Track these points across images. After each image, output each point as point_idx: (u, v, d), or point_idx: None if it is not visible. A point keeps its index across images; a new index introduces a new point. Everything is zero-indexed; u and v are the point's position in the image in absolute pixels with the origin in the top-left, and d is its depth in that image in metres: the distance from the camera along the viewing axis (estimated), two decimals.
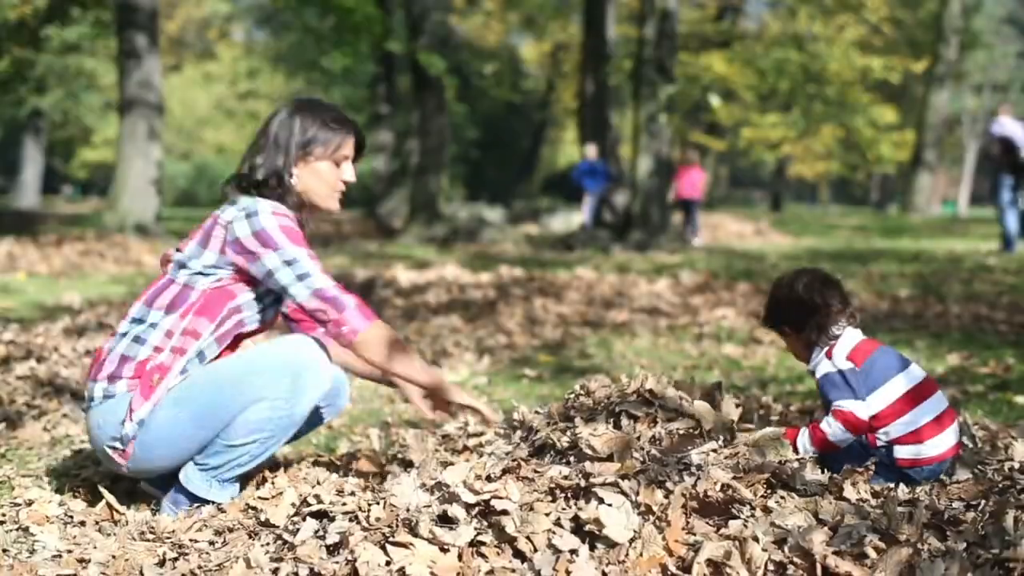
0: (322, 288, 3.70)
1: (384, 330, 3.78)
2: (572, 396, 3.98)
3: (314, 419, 4.17)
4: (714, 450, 3.58)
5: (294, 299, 3.73)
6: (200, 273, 3.79)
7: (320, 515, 3.37)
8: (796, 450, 3.81)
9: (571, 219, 27.77)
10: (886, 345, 3.97)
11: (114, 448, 3.75)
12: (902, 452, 3.74)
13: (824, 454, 3.83)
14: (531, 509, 3.09)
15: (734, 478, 3.24)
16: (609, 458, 3.50)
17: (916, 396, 3.78)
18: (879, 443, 3.79)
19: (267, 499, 3.70)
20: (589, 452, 3.51)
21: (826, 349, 3.92)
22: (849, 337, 3.92)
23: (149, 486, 4.05)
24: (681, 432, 3.67)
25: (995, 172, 16.57)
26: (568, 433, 3.67)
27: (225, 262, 3.78)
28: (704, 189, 24.32)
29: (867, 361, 3.83)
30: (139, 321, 3.81)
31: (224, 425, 3.75)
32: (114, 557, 3.28)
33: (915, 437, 3.73)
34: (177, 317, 3.77)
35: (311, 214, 4.09)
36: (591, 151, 23.72)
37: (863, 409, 3.76)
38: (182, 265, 3.83)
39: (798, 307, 4.00)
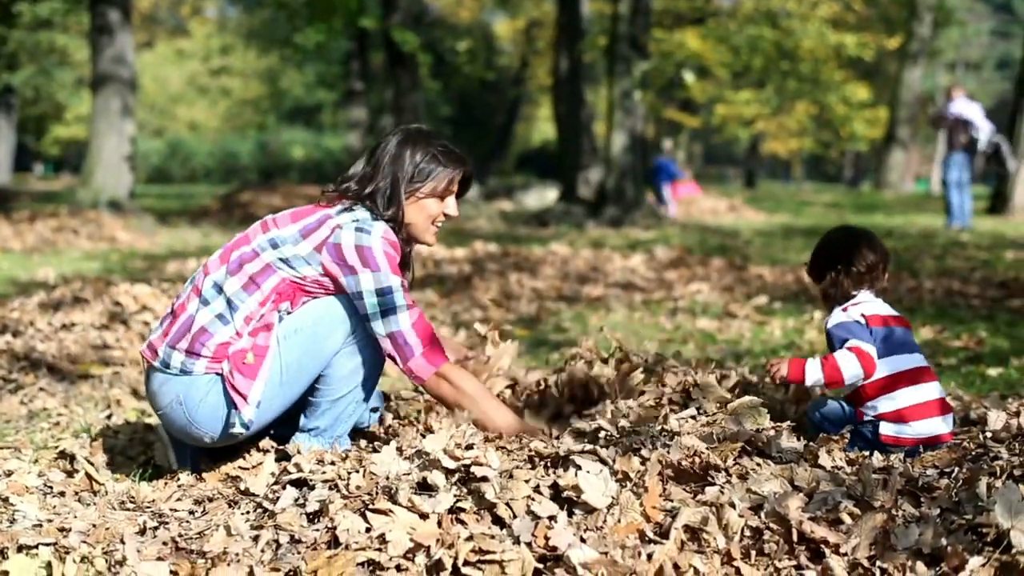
0: (398, 331, 3.74)
1: (445, 385, 3.81)
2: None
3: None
4: (693, 417, 3.63)
5: (371, 329, 3.79)
6: (286, 261, 3.81)
7: (300, 483, 3.39)
8: (803, 379, 3.87)
9: (545, 195, 27.76)
10: (903, 325, 4.01)
11: (232, 435, 3.81)
12: (887, 429, 3.81)
13: (829, 387, 3.90)
14: (510, 476, 3.12)
15: (709, 447, 3.28)
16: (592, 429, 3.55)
17: (912, 378, 3.83)
18: (866, 417, 3.84)
19: (247, 468, 3.72)
20: None
21: (843, 306, 4.00)
22: (870, 303, 3.98)
23: (170, 448, 4.09)
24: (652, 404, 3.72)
25: (947, 150, 16.98)
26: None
27: (317, 260, 3.79)
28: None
29: (877, 329, 3.88)
30: (218, 289, 3.83)
31: (306, 383, 3.83)
32: (94, 526, 3.28)
33: (899, 416, 3.78)
34: (256, 304, 3.80)
35: (409, 246, 4.09)
36: (669, 145, 24.80)
37: (872, 350, 3.81)
38: (274, 244, 3.83)
39: (824, 255, 4.10)
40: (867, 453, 3.50)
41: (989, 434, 3.73)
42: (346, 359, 3.82)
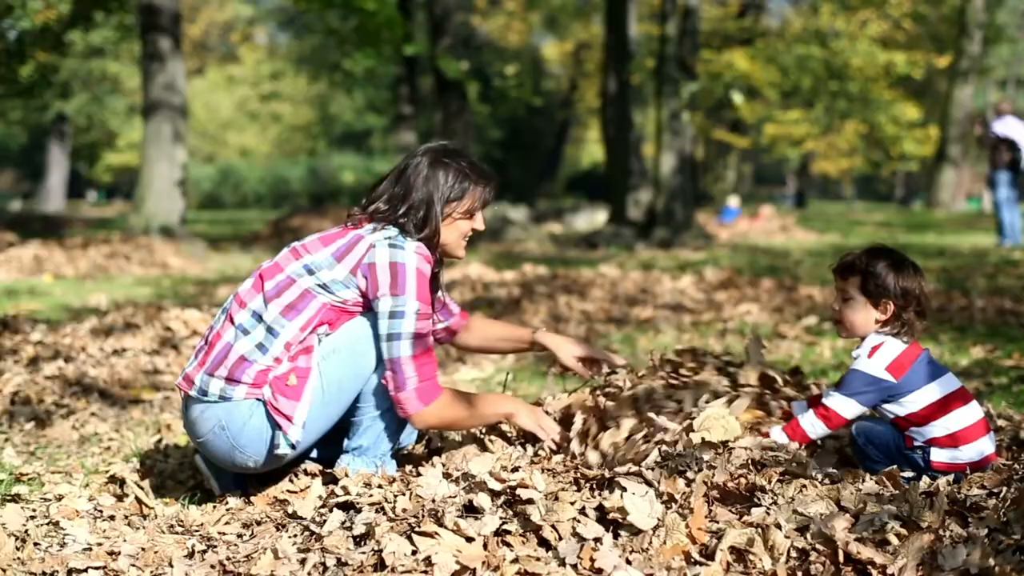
0: (397, 358, 3.70)
1: (434, 417, 3.77)
2: None
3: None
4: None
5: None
6: (325, 287, 3.80)
7: (347, 506, 3.41)
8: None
9: (594, 218, 27.76)
10: (924, 354, 3.95)
11: (276, 456, 3.82)
12: (939, 455, 3.74)
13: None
14: (556, 498, 3.12)
15: (754, 468, 3.27)
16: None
17: (952, 402, 3.77)
18: (916, 443, 3.78)
19: (295, 492, 3.74)
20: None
21: (871, 348, 3.86)
22: (893, 346, 3.88)
23: (211, 477, 4.11)
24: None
25: (992, 168, 17.00)
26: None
27: (354, 283, 3.79)
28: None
29: (906, 375, 3.79)
30: (258, 317, 3.82)
31: (347, 401, 3.84)
32: (143, 550, 3.31)
33: (953, 440, 3.72)
34: (296, 329, 3.79)
35: (440, 264, 4.12)
36: (734, 201, 28.31)
37: (849, 409, 3.77)
38: (310, 271, 3.82)
39: (896, 287, 3.87)
40: (912, 474, 3.49)
41: None
42: (383, 374, 3.81)
